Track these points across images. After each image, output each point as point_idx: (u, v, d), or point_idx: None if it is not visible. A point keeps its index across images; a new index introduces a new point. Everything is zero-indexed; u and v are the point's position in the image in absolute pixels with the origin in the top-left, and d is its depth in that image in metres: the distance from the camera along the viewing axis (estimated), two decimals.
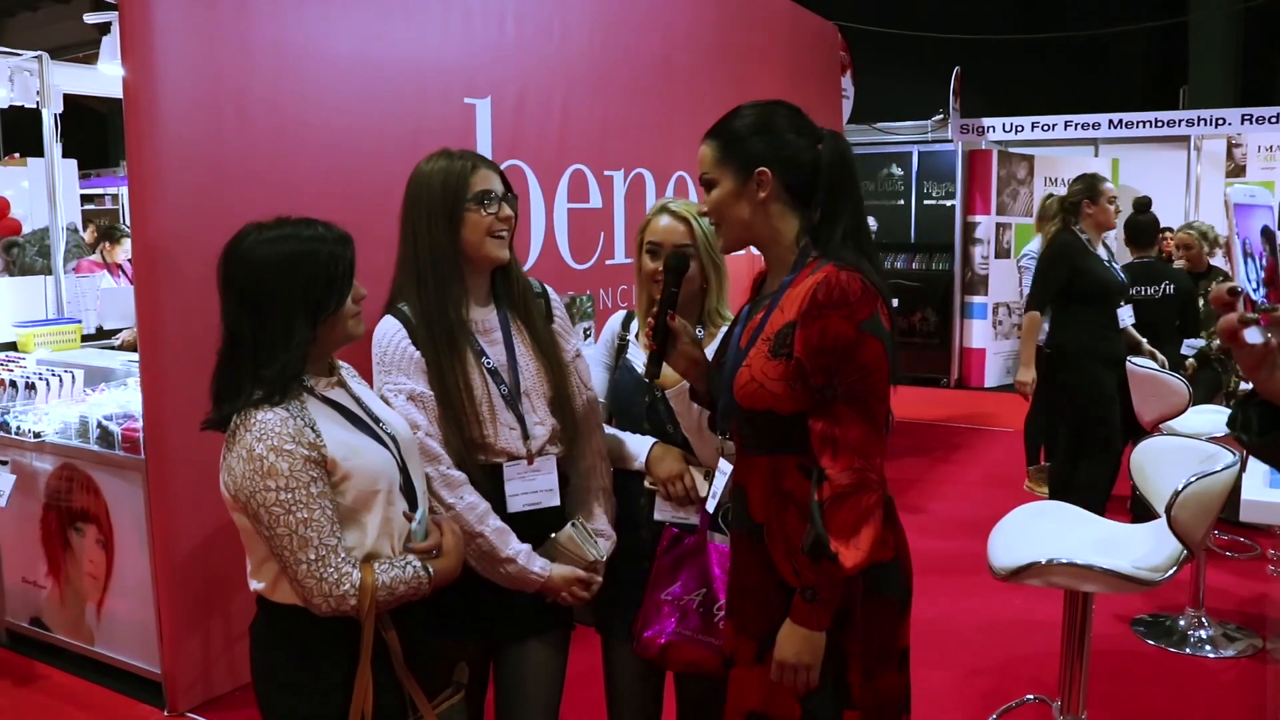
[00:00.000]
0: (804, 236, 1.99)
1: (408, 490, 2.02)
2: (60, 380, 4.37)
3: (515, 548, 2.22)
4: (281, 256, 1.87)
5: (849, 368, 1.85)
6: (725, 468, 2.10)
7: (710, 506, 2.15)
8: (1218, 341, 5.88)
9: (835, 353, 1.84)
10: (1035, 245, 6.60)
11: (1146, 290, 5.70)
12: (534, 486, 2.31)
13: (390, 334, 2.23)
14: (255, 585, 1.96)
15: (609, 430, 2.54)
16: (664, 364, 2.19)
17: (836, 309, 1.84)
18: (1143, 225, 5.85)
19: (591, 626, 2.58)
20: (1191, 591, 4.39)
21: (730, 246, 2.11)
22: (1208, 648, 4.25)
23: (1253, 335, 1.08)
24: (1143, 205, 6.03)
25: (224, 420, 1.88)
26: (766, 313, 1.99)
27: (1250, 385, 1.12)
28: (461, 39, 4.59)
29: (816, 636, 1.89)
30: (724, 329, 2.49)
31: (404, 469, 2.02)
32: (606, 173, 5.56)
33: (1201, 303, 6.05)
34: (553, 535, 2.31)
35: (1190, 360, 5.96)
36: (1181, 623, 4.39)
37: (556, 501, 2.35)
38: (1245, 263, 1.11)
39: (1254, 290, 1.09)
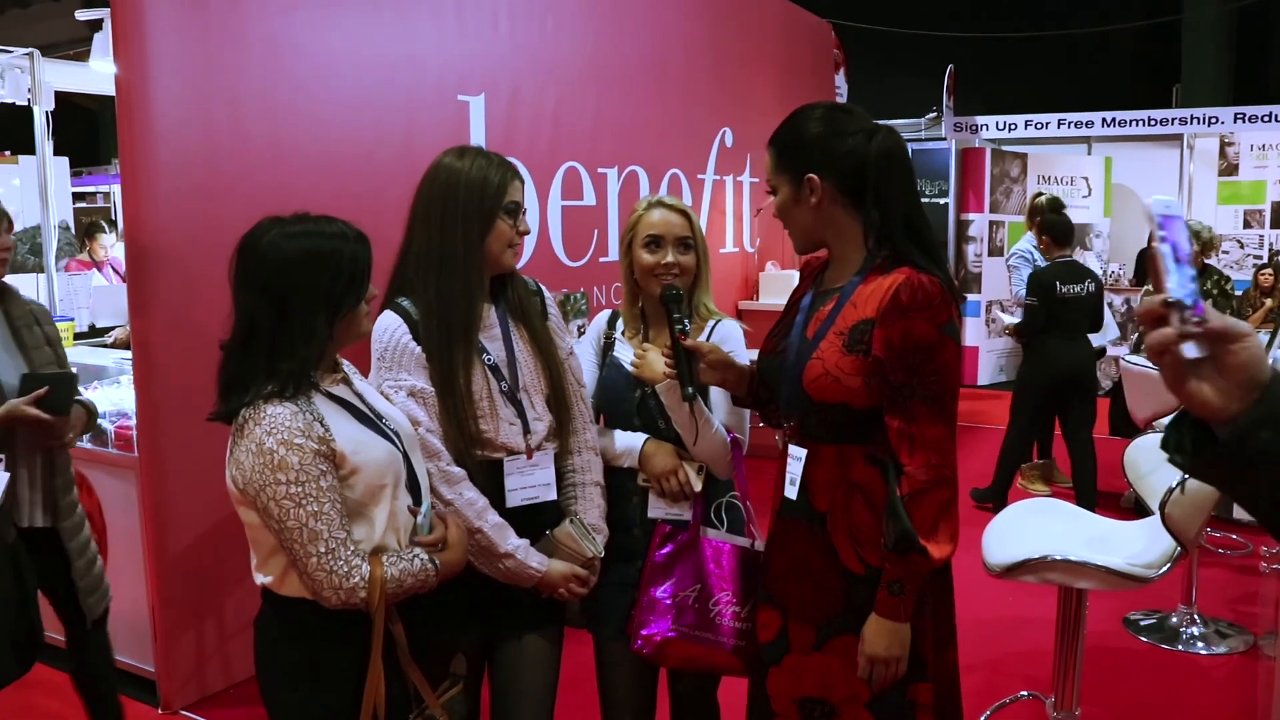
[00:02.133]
0: (869, 233, 2.03)
1: (412, 485, 2.04)
2: None
3: (513, 543, 2.23)
4: (306, 253, 1.87)
5: (930, 367, 1.92)
6: (799, 453, 2.11)
7: (792, 494, 2.14)
8: None
9: (919, 353, 1.91)
10: (1024, 244, 6.60)
11: (1072, 288, 5.88)
12: (532, 481, 2.31)
13: (391, 329, 2.22)
14: (262, 579, 1.96)
15: (599, 428, 2.54)
16: (682, 382, 2.25)
17: (920, 311, 1.91)
18: (1062, 224, 6.09)
19: (582, 629, 2.58)
20: (1184, 588, 4.41)
21: (801, 249, 2.16)
22: (1199, 644, 4.26)
23: (1190, 350, 1.03)
24: (1057, 205, 6.30)
25: (232, 413, 1.88)
26: (836, 306, 2.04)
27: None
28: (455, 36, 4.59)
29: (903, 628, 1.96)
30: (711, 322, 2.52)
31: (408, 463, 2.03)
32: (600, 170, 5.57)
33: None
34: (550, 531, 2.31)
35: None
36: (1174, 620, 4.40)
37: (554, 496, 2.35)
38: (1178, 270, 1.06)
39: (1188, 298, 1.04)
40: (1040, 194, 6.69)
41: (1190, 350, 1.03)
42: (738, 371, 2.29)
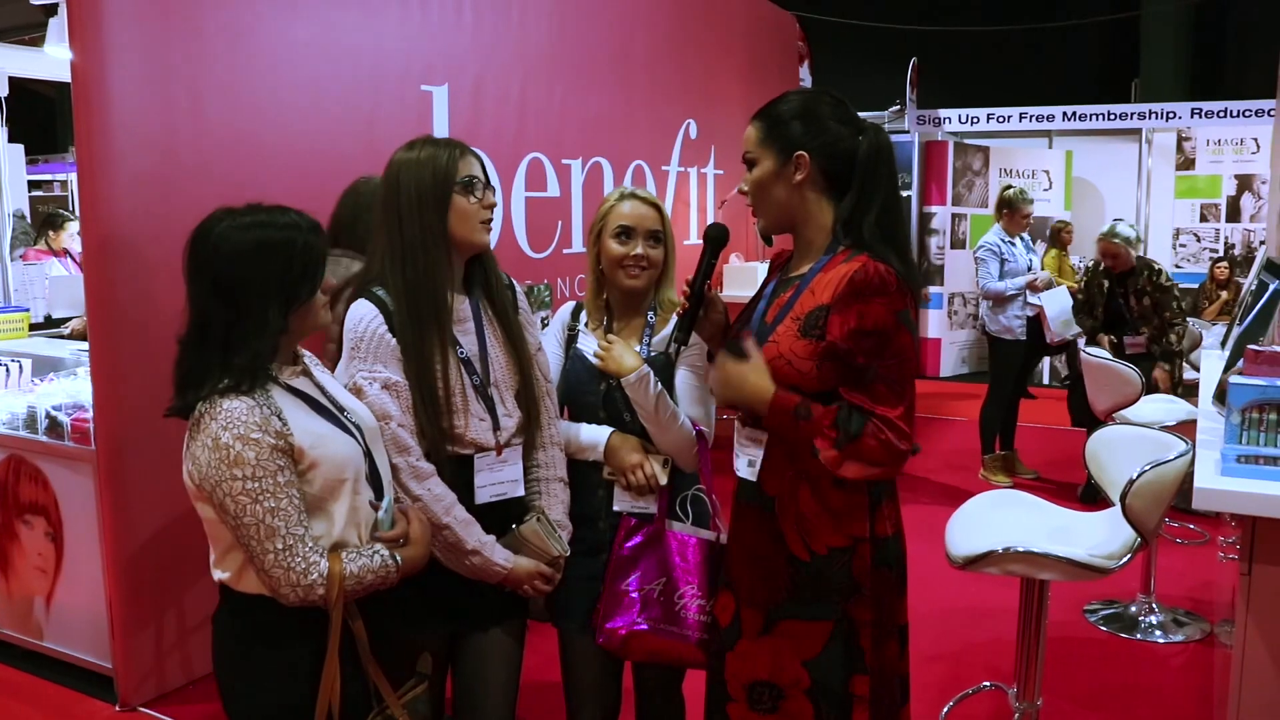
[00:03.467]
0: (838, 223, 2.06)
1: (373, 479, 2.01)
2: (7, 370, 4.29)
3: (480, 539, 2.21)
4: (257, 244, 1.84)
5: (888, 351, 1.94)
6: (759, 435, 2.12)
7: (751, 475, 2.14)
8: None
9: (876, 336, 1.94)
10: (992, 236, 6.63)
11: None
12: (501, 477, 2.30)
13: (366, 319, 2.19)
14: (219, 575, 1.93)
15: (565, 423, 2.53)
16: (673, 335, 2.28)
17: (876, 295, 1.94)
18: None
19: (546, 622, 2.57)
20: (1143, 578, 4.46)
21: (768, 227, 2.16)
22: (1158, 633, 4.32)
23: None
24: None
25: (188, 408, 1.85)
26: (795, 293, 2.07)
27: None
28: (419, 26, 4.55)
29: (758, 402, 1.98)
30: (675, 314, 2.50)
31: (370, 457, 2.00)
32: (564, 161, 5.54)
33: (1133, 301, 6.14)
34: (515, 527, 2.30)
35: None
36: (1133, 609, 4.45)
37: (521, 492, 2.35)
38: None
39: None
40: (1009, 186, 6.74)
41: None
42: (722, 340, 2.30)
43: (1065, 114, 11.20)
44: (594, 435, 2.47)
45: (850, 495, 2.05)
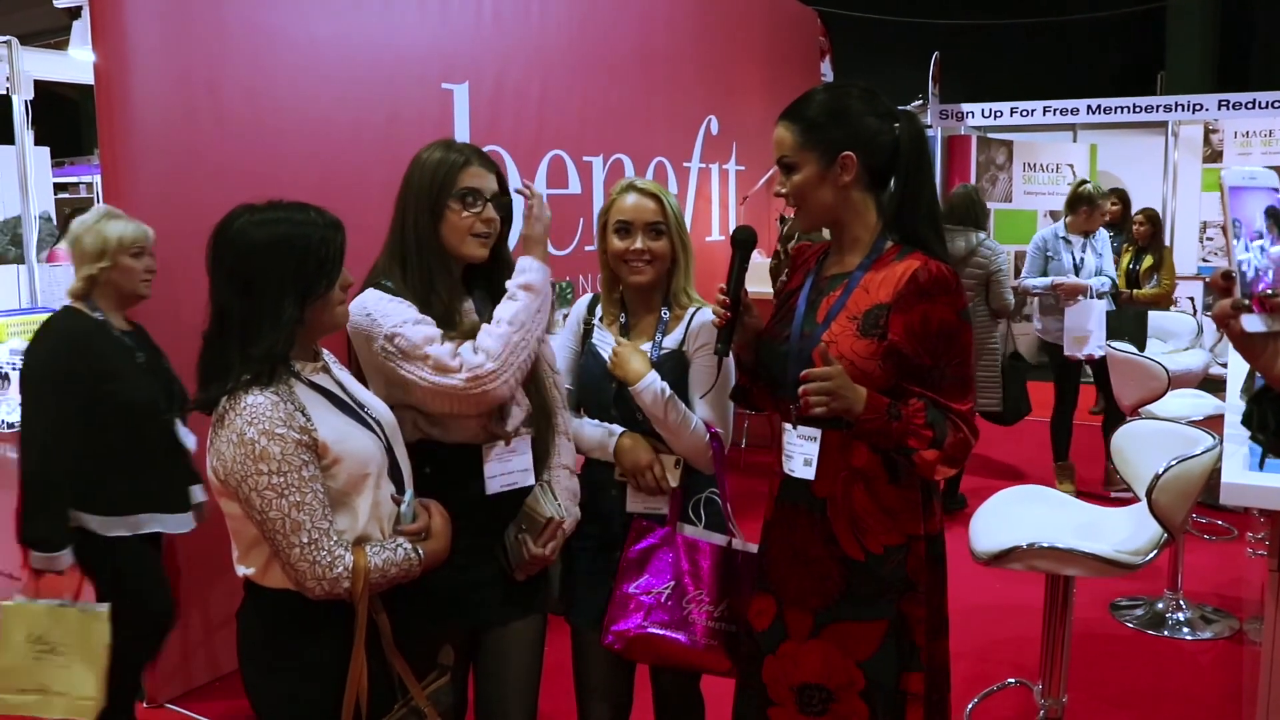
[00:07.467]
0: (881, 217, 2.06)
1: (394, 474, 2.03)
2: None
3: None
4: (273, 238, 1.86)
5: (954, 350, 1.96)
6: (812, 433, 2.09)
7: (809, 474, 2.10)
8: None
9: (942, 336, 1.95)
10: (1048, 230, 6.26)
11: None
12: (510, 467, 2.30)
13: (377, 295, 2.17)
14: (244, 571, 1.95)
15: (579, 420, 2.51)
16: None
17: (940, 295, 1.94)
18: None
19: (561, 615, 2.56)
20: (1170, 574, 4.42)
21: (811, 227, 2.15)
22: (1185, 630, 4.28)
23: (1250, 323, 1.01)
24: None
25: (211, 401, 1.87)
26: (845, 291, 2.04)
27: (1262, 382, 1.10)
28: (439, 24, 4.56)
29: (855, 403, 1.93)
30: (691, 310, 2.48)
31: (390, 452, 2.02)
32: (585, 158, 5.54)
33: None
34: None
35: None
36: (1160, 605, 4.42)
37: (532, 481, 2.34)
38: (1241, 243, 1.03)
39: (1251, 275, 1.00)
40: (1084, 181, 6.18)
41: (1251, 324, 1.00)
42: (753, 343, 2.26)
43: (1090, 107, 11.10)
44: (604, 435, 2.46)
45: (904, 493, 2.04)
